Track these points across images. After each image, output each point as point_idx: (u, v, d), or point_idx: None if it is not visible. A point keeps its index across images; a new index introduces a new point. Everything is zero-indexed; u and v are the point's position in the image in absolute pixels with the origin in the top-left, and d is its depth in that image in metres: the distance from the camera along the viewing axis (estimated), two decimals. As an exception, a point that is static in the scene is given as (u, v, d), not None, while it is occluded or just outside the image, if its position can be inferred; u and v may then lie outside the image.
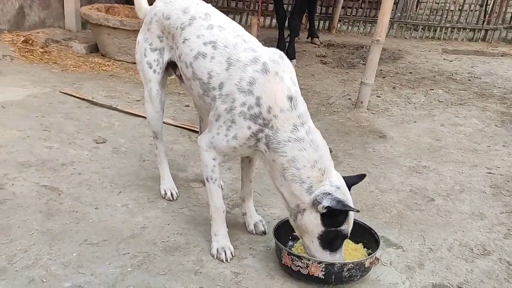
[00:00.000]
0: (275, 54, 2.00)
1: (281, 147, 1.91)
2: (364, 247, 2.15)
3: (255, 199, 2.59)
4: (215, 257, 2.12)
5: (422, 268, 2.17)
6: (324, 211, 1.84)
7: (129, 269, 1.99)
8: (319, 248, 1.93)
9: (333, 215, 1.86)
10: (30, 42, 5.10)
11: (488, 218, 2.66)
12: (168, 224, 2.35)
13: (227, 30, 2.14)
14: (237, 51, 2.03)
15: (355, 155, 3.42)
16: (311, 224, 1.90)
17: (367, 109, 4.49)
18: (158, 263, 2.05)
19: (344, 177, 1.98)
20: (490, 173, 3.28)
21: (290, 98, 1.92)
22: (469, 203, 2.83)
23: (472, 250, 2.35)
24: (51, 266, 1.94)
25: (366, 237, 2.16)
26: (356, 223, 2.17)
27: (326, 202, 1.82)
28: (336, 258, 1.95)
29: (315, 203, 1.86)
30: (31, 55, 4.91)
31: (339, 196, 1.86)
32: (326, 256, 1.93)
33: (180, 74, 2.40)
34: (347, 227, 1.92)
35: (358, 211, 1.93)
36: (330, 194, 1.84)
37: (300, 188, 1.89)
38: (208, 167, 2.12)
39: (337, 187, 1.89)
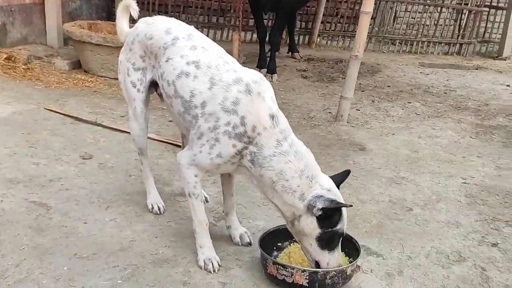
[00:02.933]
0: (255, 75, 2.11)
1: (267, 162, 2.00)
2: (345, 256, 2.24)
3: (240, 212, 2.67)
4: (203, 268, 2.18)
5: (401, 275, 2.27)
6: (320, 213, 1.94)
7: (119, 282, 2.04)
8: (318, 249, 2.02)
9: (328, 217, 1.96)
10: (13, 59, 5.12)
11: (463, 226, 2.79)
12: (156, 237, 2.41)
13: (210, 51, 2.24)
14: (219, 72, 2.12)
15: (336, 167, 3.52)
16: (308, 228, 1.99)
17: (347, 122, 4.63)
18: (147, 275, 2.10)
19: (330, 177, 2.09)
20: (465, 183, 3.42)
21: (272, 116, 2.02)
22: (446, 212, 2.95)
23: (448, 257, 2.46)
24: (43, 280, 1.99)
25: (348, 246, 2.25)
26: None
27: (320, 204, 1.93)
28: (334, 256, 2.04)
29: (309, 208, 1.96)
30: (14, 71, 4.94)
31: (331, 197, 1.97)
32: (325, 256, 2.03)
33: (161, 93, 2.48)
34: (342, 225, 2.02)
35: (351, 205, 2.06)
36: (322, 196, 1.95)
37: (292, 198, 1.99)
38: (190, 184, 2.18)
39: (328, 189, 2.00)
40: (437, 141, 4.30)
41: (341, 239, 2.06)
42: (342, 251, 2.23)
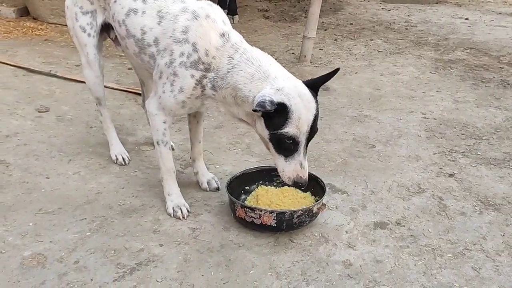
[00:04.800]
0: (203, 2, 2.05)
1: (224, 81, 1.94)
2: (312, 195, 2.29)
3: (207, 158, 2.67)
4: (172, 215, 2.20)
5: (364, 209, 2.36)
6: (259, 114, 1.84)
7: (87, 234, 2.03)
8: (275, 153, 1.93)
9: (271, 117, 1.83)
10: (-48, 7, 4.75)
11: (423, 160, 2.89)
12: (123, 188, 2.39)
13: None
14: (166, 4, 2.06)
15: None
16: (260, 130, 1.91)
17: (311, 62, 4.60)
18: (116, 226, 2.10)
19: (313, 79, 1.96)
20: (425, 117, 3.51)
21: (223, 34, 1.96)
22: (406, 147, 3.04)
23: (408, 189, 2.56)
24: (8, 237, 1.96)
25: (313, 185, 2.30)
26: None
27: (254, 105, 1.79)
28: (291, 165, 1.91)
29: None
30: (-45, 21, 4.60)
31: (277, 97, 1.78)
32: (281, 161, 1.92)
33: (115, 37, 2.39)
34: (292, 129, 1.83)
35: (269, 110, 1.77)
36: (263, 96, 1.78)
37: (248, 104, 1.90)
38: (159, 131, 2.15)
39: (278, 88, 1.81)
40: (399, 78, 4.35)
41: (299, 147, 1.88)
42: (308, 191, 2.30)
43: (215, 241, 2.06)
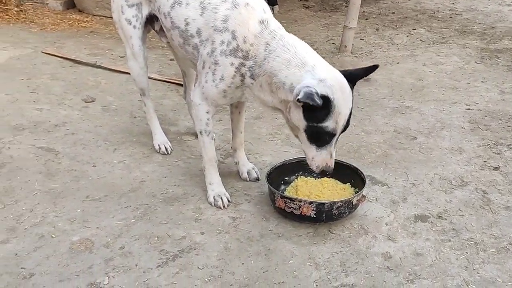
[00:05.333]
0: None
1: (261, 68, 1.96)
2: (351, 187, 2.29)
3: (247, 148, 2.70)
4: (213, 204, 2.24)
5: (405, 202, 2.33)
6: (300, 104, 1.81)
7: (132, 221, 2.11)
8: (307, 142, 1.94)
9: (312, 110, 1.81)
10: (3, 1, 4.97)
11: (466, 152, 2.82)
12: (165, 177, 2.46)
13: None
14: None
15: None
16: (296, 119, 1.90)
17: (351, 52, 4.54)
18: (159, 214, 2.17)
19: (351, 70, 1.97)
20: (469, 109, 3.41)
21: (262, 21, 1.98)
22: (449, 139, 2.97)
23: (451, 182, 2.51)
24: (58, 223, 2.06)
25: (353, 177, 2.30)
26: (343, 165, 2.32)
27: (300, 95, 1.75)
28: (322, 154, 1.93)
29: (295, 97, 1.79)
30: (6, 14, 4.82)
31: (320, 89, 1.77)
32: (312, 150, 1.94)
33: (159, 29, 2.45)
34: (332, 124, 1.83)
35: (319, 105, 1.75)
36: (308, 87, 1.76)
37: (284, 91, 1.90)
38: (202, 121, 2.19)
39: (320, 80, 1.80)
40: (442, 68, 4.23)
41: (334, 139, 1.90)
42: (347, 182, 2.29)
43: (255, 230, 2.09)
